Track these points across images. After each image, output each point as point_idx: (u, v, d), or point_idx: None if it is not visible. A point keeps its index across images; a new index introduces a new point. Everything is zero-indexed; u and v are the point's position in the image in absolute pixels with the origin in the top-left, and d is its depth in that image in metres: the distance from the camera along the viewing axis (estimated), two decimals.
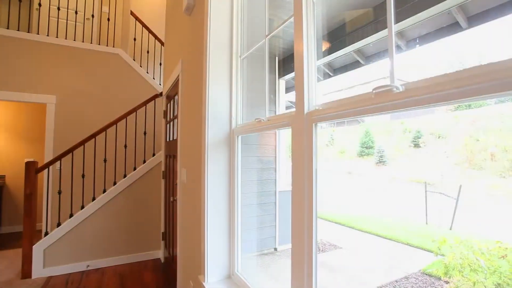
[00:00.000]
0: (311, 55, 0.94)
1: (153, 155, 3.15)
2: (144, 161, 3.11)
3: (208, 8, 1.48)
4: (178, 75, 2.17)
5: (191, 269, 1.76)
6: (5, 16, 4.38)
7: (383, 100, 0.66)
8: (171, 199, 2.39)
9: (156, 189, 3.10)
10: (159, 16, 4.76)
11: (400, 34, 1.68)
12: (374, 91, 0.69)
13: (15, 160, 4.21)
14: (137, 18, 4.07)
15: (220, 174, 1.45)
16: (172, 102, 2.68)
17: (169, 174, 2.69)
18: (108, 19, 4.07)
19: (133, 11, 4.19)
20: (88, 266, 2.82)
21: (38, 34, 3.87)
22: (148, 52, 4.20)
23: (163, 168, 3.01)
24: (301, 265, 0.88)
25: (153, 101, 3.31)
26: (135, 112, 3.15)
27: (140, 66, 4.02)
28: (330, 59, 2.34)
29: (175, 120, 2.43)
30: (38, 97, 3.47)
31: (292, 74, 2.66)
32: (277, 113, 1.79)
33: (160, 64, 4.24)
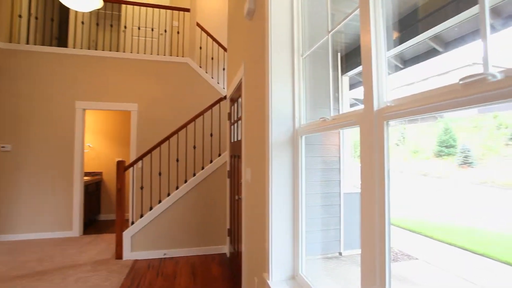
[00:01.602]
0: (380, 46, 0.87)
1: (219, 155, 3.35)
2: (211, 161, 3.34)
3: (268, 10, 1.51)
4: (241, 78, 2.26)
5: (255, 265, 1.81)
6: (101, 40, 5.23)
7: (474, 92, 0.57)
8: (236, 198, 2.51)
9: (222, 187, 3.29)
10: (221, 24, 5.05)
11: (493, 10, 1.43)
12: (461, 82, 0.60)
13: (109, 159, 4.99)
14: (202, 29, 4.39)
15: (284, 174, 1.46)
16: (235, 104, 2.81)
17: (234, 174, 2.82)
18: (178, 32, 4.49)
19: (199, 22, 4.53)
20: (165, 254, 3.16)
21: (124, 52, 4.51)
22: (212, 58, 4.49)
23: (228, 168, 3.18)
24: (372, 275, 0.82)
25: (218, 104, 3.52)
26: (202, 115, 3.41)
27: (206, 72, 4.32)
28: (401, 50, 2.13)
29: (239, 122, 2.54)
30: (124, 106, 4.04)
31: (356, 70, 2.51)
32: (340, 112, 1.71)
33: (224, 69, 4.49)
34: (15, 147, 3.78)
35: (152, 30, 4.47)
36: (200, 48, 4.49)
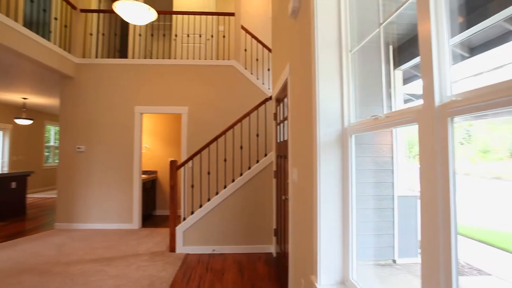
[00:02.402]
0: (441, 34, 0.78)
1: (265, 155, 3.38)
2: (257, 161, 3.39)
3: (314, 7, 1.47)
4: (287, 78, 2.25)
5: (302, 267, 1.78)
6: (155, 49, 5.68)
7: None
8: (283, 198, 2.50)
9: (268, 187, 3.32)
10: (265, 26, 5.09)
11: None
12: None
13: (162, 159, 5.39)
14: (247, 31, 4.48)
15: (332, 175, 1.41)
16: (281, 104, 2.81)
17: (280, 174, 2.82)
18: (224, 36, 4.65)
19: (243, 25, 4.63)
20: (214, 250, 3.30)
21: (175, 58, 4.83)
22: (257, 59, 4.56)
23: (274, 168, 3.19)
24: None
25: (264, 105, 3.55)
26: (248, 116, 3.47)
27: (251, 74, 4.40)
28: (467, 36, 1.89)
29: (285, 122, 2.53)
30: (176, 109, 4.33)
31: (411, 63, 2.31)
32: (393, 109, 1.59)
33: (268, 69, 4.52)
34: (88, 148, 4.32)
35: (200, 36, 4.71)
36: (245, 50, 4.59)
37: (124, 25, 5.84)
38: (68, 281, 2.53)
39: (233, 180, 3.36)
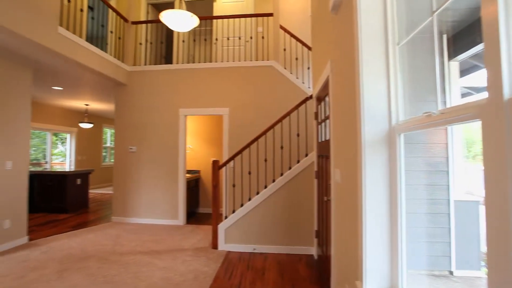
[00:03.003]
0: (511, 16, 0.69)
1: (306, 155, 3.33)
2: (298, 161, 3.34)
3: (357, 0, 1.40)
4: (328, 76, 2.18)
5: (346, 272, 1.71)
6: (197, 53, 5.93)
7: None
8: (325, 199, 2.44)
9: (309, 187, 3.26)
10: (304, 24, 5.00)
11: None
12: None
13: (205, 158, 5.62)
14: (285, 31, 4.45)
15: (378, 176, 1.34)
16: (322, 103, 2.74)
17: (322, 174, 2.75)
18: (263, 37, 4.68)
19: (282, 25, 4.61)
20: (254, 249, 3.34)
21: (216, 61, 5.00)
22: (296, 58, 4.50)
23: (315, 168, 3.12)
24: None
25: (304, 104, 3.50)
26: (289, 116, 3.45)
27: (291, 73, 4.36)
28: None
29: (327, 121, 2.46)
30: (217, 110, 4.47)
31: (470, 52, 2.07)
32: (448, 104, 1.44)
33: (308, 68, 4.44)
34: (139, 148, 4.69)
35: (239, 38, 4.81)
36: (284, 49, 4.56)
37: (169, 33, 6.21)
38: (123, 270, 2.77)
39: (273, 180, 3.36)
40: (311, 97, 3.37)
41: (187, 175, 5.10)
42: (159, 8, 5.79)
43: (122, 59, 4.82)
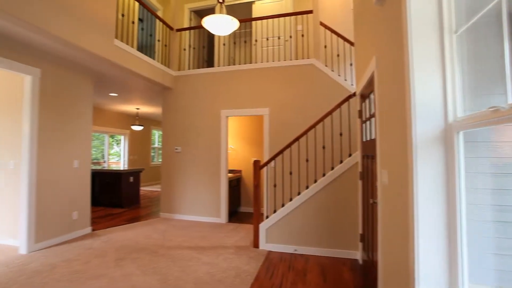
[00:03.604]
0: None
1: (349, 155, 3.20)
2: (341, 161, 3.23)
3: None
4: (373, 72, 2.07)
5: (396, 281, 1.60)
6: (238, 55, 6.07)
7: None
8: (370, 201, 2.31)
9: (353, 189, 3.12)
10: (346, 19, 4.81)
11: None
12: None
13: (246, 158, 5.72)
14: (326, 27, 4.33)
15: (433, 178, 1.23)
16: (367, 100, 2.60)
17: (367, 175, 2.61)
18: (302, 35, 4.61)
19: (322, 21, 4.49)
20: (296, 250, 3.30)
21: (256, 62, 5.05)
22: (338, 55, 4.35)
23: (360, 169, 2.98)
24: None
25: (347, 102, 3.37)
26: (331, 115, 3.35)
27: (332, 70, 4.23)
28: None
29: (372, 119, 2.33)
30: (258, 111, 4.51)
31: None
32: None
33: (351, 64, 4.26)
34: (183, 149, 4.95)
35: (279, 38, 4.80)
36: (325, 46, 4.44)
37: (211, 37, 6.45)
38: (170, 263, 2.95)
39: (315, 181, 3.29)
40: (354, 94, 3.22)
41: (229, 174, 5.24)
42: (200, 14, 6.05)
43: (168, 64, 5.14)
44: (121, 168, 7.10)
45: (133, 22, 4.55)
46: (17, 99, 3.56)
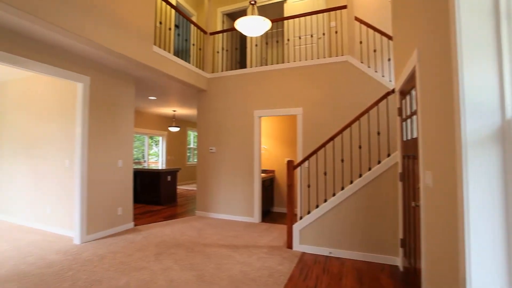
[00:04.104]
0: None
1: (388, 155, 3.03)
2: (379, 162, 3.07)
3: None
4: (414, 66, 1.94)
5: None
6: (270, 56, 6.08)
7: None
8: (412, 204, 2.17)
9: (392, 191, 2.95)
10: (382, 13, 4.57)
11: None
12: None
13: (279, 158, 5.70)
14: (361, 22, 4.15)
15: (488, 182, 1.11)
16: (407, 97, 2.45)
17: (408, 176, 2.46)
18: (336, 32, 4.47)
19: (357, 16, 4.32)
20: (330, 253, 3.21)
21: (288, 62, 5.01)
22: (375, 50, 4.14)
23: (400, 170, 2.81)
24: None
25: (385, 99, 3.20)
26: (367, 113, 3.21)
27: (368, 67, 4.04)
28: None
29: (413, 117, 2.19)
30: (291, 110, 4.47)
31: None
32: None
33: (389, 59, 4.04)
34: (218, 149, 5.08)
35: (312, 36, 4.71)
36: (361, 42, 4.26)
37: (243, 39, 6.54)
38: (206, 260, 3.04)
39: (351, 182, 3.17)
40: (393, 91, 3.05)
41: (262, 174, 5.27)
42: (233, 17, 6.16)
43: (202, 67, 5.31)
44: (160, 168, 7.49)
45: (169, 29, 4.78)
46: (71, 105, 3.93)
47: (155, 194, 6.25)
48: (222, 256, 3.17)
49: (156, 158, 10.00)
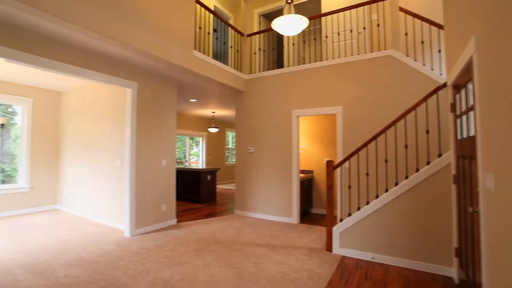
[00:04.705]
0: None
1: (439, 155, 2.78)
2: (428, 162, 2.83)
3: None
4: (471, 56, 1.75)
5: None
6: (307, 54, 5.98)
7: None
8: (469, 210, 1.96)
9: (444, 194, 2.70)
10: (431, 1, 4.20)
11: None
12: None
13: (318, 158, 5.57)
14: (407, 12, 3.87)
15: None
16: (462, 91, 2.22)
17: (464, 179, 2.23)
18: (378, 25, 4.23)
19: (401, 6, 4.03)
20: (373, 258, 3.04)
21: (327, 59, 4.87)
22: (422, 42, 3.84)
23: (453, 171, 2.56)
24: None
25: (435, 95, 2.94)
26: (414, 110, 2.98)
27: (415, 60, 3.75)
28: None
29: (470, 113, 1.98)
30: (330, 109, 4.34)
31: None
32: None
33: (439, 51, 3.70)
34: (256, 149, 5.13)
35: (351, 31, 4.51)
36: (406, 34, 3.97)
37: (279, 39, 6.51)
38: (244, 258, 3.08)
39: (396, 183, 2.97)
40: (444, 85, 2.79)
41: (301, 175, 5.19)
42: (269, 17, 6.17)
43: (240, 69, 5.40)
44: (200, 167, 7.80)
45: (208, 33, 4.95)
46: (121, 109, 4.29)
47: (195, 193, 6.53)
48: (260, 255, 3.19)
49: (197, 158, 10.44)
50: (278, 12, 5.93)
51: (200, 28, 4.57)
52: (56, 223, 4.55)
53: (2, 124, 5.11)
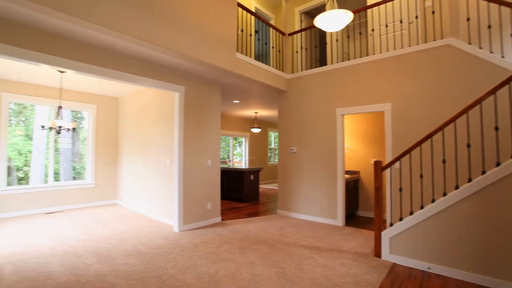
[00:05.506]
0: None
1: None
2: (497, 164, 2.48)
3: None
4: None
5: None
6: (352, 50, 5.72)
7: None
8: None
9: None
10: None
11: None
12: None
13: (364, 159, 5.28)
14: None
15: None
16: None
17: None
18: (433, 12, 3.84)
19: None
20: (429, 268, 2.78)
21: (373, 54, 4.60)
22: (489, 27, 3.38)
23: None
24: None
25: (506, 86, 2.58)
26: (479, 104, 2.64)
27: (480, 48, 3.32)
28: None
29: None
30: (377, 107, 4.09)
31: None
32: None
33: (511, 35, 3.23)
34: (299, 149, 5.06)
35: (401, 22, 4.18)
36: (468, 19, 3.54)
37: (322, 36, 6.33)
38: (287, 259, 3.05)
39: (456, 187, 2.67)
40: None
41: (346, 175, 4.98)
42: (310, 14, 6.03)
43: (281, 68, 5.38)
44: (243, 167, 7.96)
45: (250, 35, 5.02)
46: (170, 112, 4.59)
47: (239, 192, 6.67)
48: (303, 256, 3.14)
49: (240, 158, 10.67)
50: (320, 9, 5.76)
51: (242, 30, 4.67)
52: (116, 216, 5.05)
53: (74, 128, 5.86)
